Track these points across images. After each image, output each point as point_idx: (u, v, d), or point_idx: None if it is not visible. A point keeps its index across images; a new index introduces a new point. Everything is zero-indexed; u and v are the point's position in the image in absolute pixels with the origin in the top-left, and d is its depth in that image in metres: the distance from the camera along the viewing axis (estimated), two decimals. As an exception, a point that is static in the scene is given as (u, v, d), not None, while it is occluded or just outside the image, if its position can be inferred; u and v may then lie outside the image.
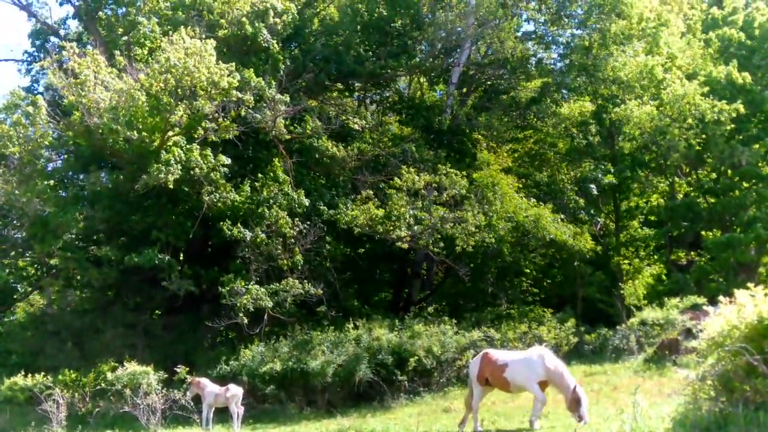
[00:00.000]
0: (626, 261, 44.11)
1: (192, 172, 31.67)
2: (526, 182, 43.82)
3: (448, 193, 35.32)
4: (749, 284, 14.83)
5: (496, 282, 41.14)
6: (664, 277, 41.65)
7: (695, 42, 42.83)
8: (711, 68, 39.00)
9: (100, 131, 31.39)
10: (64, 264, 34.16)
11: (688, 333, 27.60)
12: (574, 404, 18.80)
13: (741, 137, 37.76)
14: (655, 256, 44.56)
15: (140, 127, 31.62)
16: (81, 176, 37.86)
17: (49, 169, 37.10)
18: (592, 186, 44.14)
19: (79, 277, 35.94)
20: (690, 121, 36.36)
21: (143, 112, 31.48)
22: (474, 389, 20.89)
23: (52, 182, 35.50)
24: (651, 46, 41.36)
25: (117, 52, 33.23)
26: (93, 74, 30.99)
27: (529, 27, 46.71)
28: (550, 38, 45.46)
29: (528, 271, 42.34)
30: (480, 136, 43.28)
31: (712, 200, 39.06)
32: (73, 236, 35.91)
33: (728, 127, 36.55)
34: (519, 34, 44.75)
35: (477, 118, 41.76)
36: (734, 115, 35.87)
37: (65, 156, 38.50)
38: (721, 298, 15.07)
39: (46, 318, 37.40)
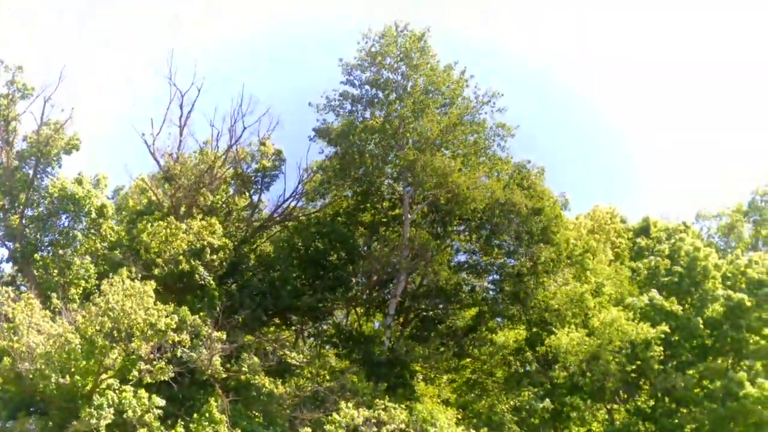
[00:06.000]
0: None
1: (125, 416, 30.76)
2: (466, 413, 43.39)
3: (387, 428, 34.76)
4: None
5: None
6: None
7: (623, 269, 44.23)
8: (636, 295, 40.13)
9: (31, 376, 30.54)
10: None
11: None
12: None
13: (675, 362, 38.29)
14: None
15: (73, 371, 30.84)
16: (8, 423, 36.39)
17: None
18: (530, 415, 44.02)
19: None
20: (618, 343, 36.98)
21: (77, 355, 30.85)
22: None
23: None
24: (579, 273, 42.60)
25: (54, 295, 32.82)
26: (27, 318, 30.54)
27: (461, 257, 47.87)
28: (483, 266, 46.49)
29: None
30: (418, 367, 43.16)
31: (651, 426, 39.02)
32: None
33: (659, 352, 37.16)
34: (452, 264, 45.74)
35: (414, 348, 41.74)
36: (662, 337, 36.59)
37: (-7, 403, 37.04)
38: None
39: None
